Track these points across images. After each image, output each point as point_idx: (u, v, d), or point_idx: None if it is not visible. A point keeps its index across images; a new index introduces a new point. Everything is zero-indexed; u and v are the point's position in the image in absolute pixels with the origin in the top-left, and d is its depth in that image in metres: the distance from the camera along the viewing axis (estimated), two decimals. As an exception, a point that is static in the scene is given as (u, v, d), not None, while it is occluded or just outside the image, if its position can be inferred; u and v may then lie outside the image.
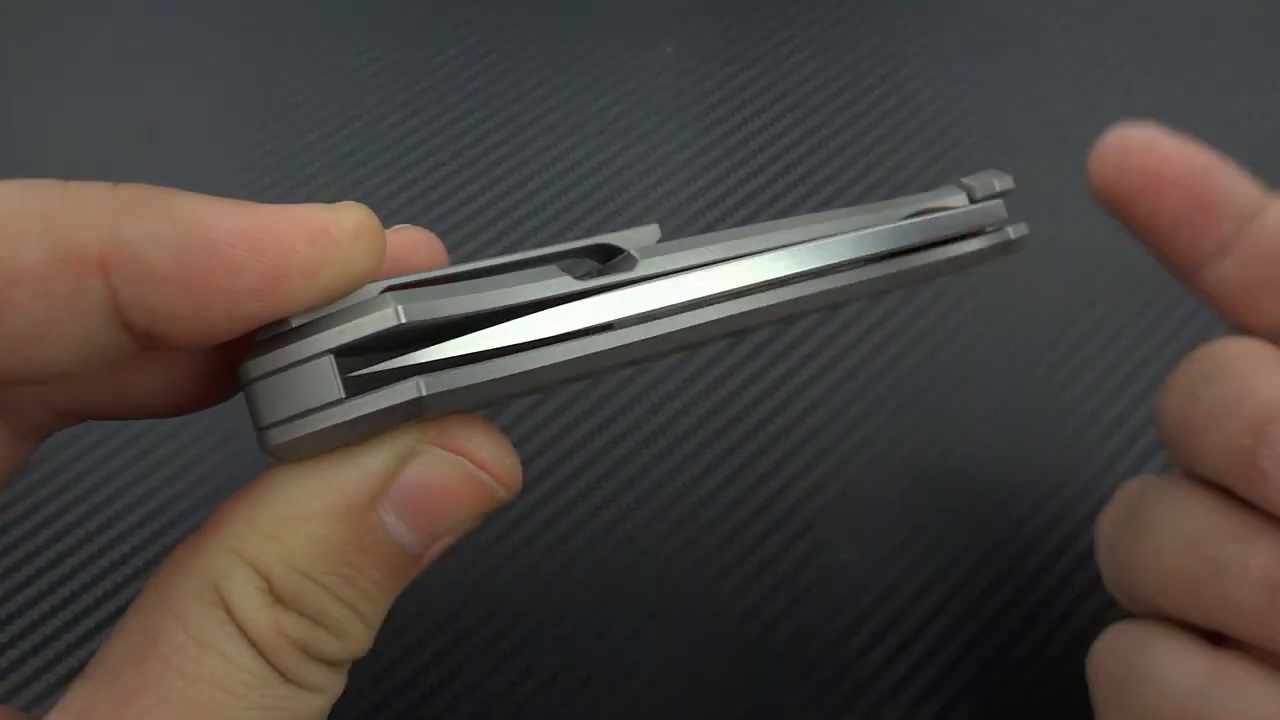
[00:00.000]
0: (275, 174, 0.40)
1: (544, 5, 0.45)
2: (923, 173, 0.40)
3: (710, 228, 0.39)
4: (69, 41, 0.44)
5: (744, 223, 0.39)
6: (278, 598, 0.15)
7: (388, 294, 0.16)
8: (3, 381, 0.15)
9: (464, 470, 0.17)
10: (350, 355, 0.16)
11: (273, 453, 0.17)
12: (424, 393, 0.15)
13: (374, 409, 0.16)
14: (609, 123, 0.41)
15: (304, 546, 0.15)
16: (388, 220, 0.39)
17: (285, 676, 0.15)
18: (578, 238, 0.38)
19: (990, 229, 0.24)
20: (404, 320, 0.15)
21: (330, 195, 0.39)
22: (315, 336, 0.16)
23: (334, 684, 0.17)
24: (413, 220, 0.39)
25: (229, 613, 0.15)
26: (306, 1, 0.45)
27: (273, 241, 0.15)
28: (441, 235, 0.38)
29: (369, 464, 0.16)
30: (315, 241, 0.15)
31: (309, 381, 0.16)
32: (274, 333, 0.16)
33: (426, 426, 0.17)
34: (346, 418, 0.16)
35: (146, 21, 0.45)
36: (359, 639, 0.16)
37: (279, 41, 0.44)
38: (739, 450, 0.34)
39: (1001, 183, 0.24)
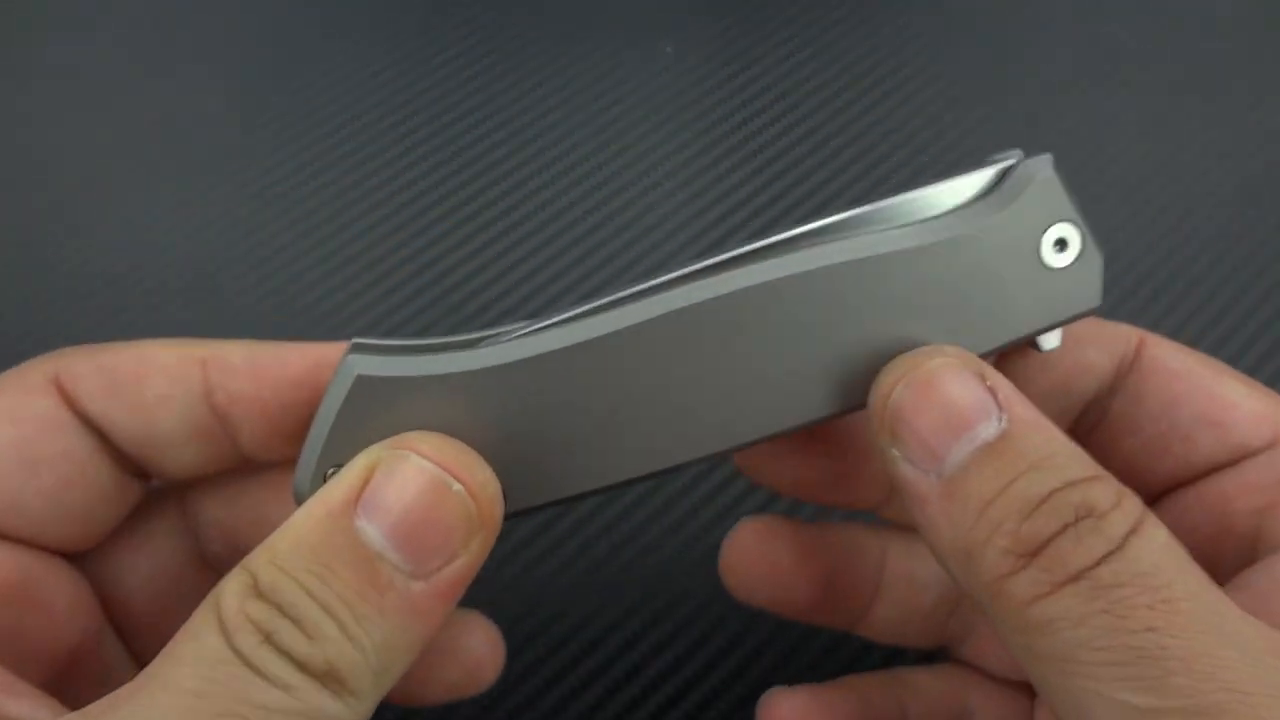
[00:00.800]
0: (274, 174, 0.40)
1: (544, 5, 0.45)
2: (922, 173, 0.40)
3: (710, 227, 0.39)
4: (72, 43, 0.44)
5: (744, 222, 0.39)
6: (258, 591, 0.17)
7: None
8: (139, 446, 0.22)
9: (413, 464, 0.18)
10: None
11: (295, 493, 0.20)
12: (349, 356, 0.19)
13: (327, 392, 0.19)
14: (609, 123, 0.41)
15: (287, 547, 0.18)
16: (387, 221, 0.39)
17: (241, 656, 0.16)
18: (581, 237, 0.38)
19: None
20: (355, 340, 0.20)
21: (330, 195, 0.39)
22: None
23: (304, 688, 0.16)
24: (412, 221, 0.39)
25: (216, 604, 0.17)
26: (307, 2, 0.45)
27: (315, 351, 0.22)
28: (441, 236, 0.38)
29: (346, 476, 0.18)
30: (342, 348, 0.21)
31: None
32: None
33: (394, 439, 0.19)
34: (318, 412, 0.19)
35: (147, 23, 0.45)
36: (335, 645, 0.17)
37: (279, 42, 0.44)
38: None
39: (1006, 157, 0.21)
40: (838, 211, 0.21)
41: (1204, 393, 0.22)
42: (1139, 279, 0.37)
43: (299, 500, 0.19)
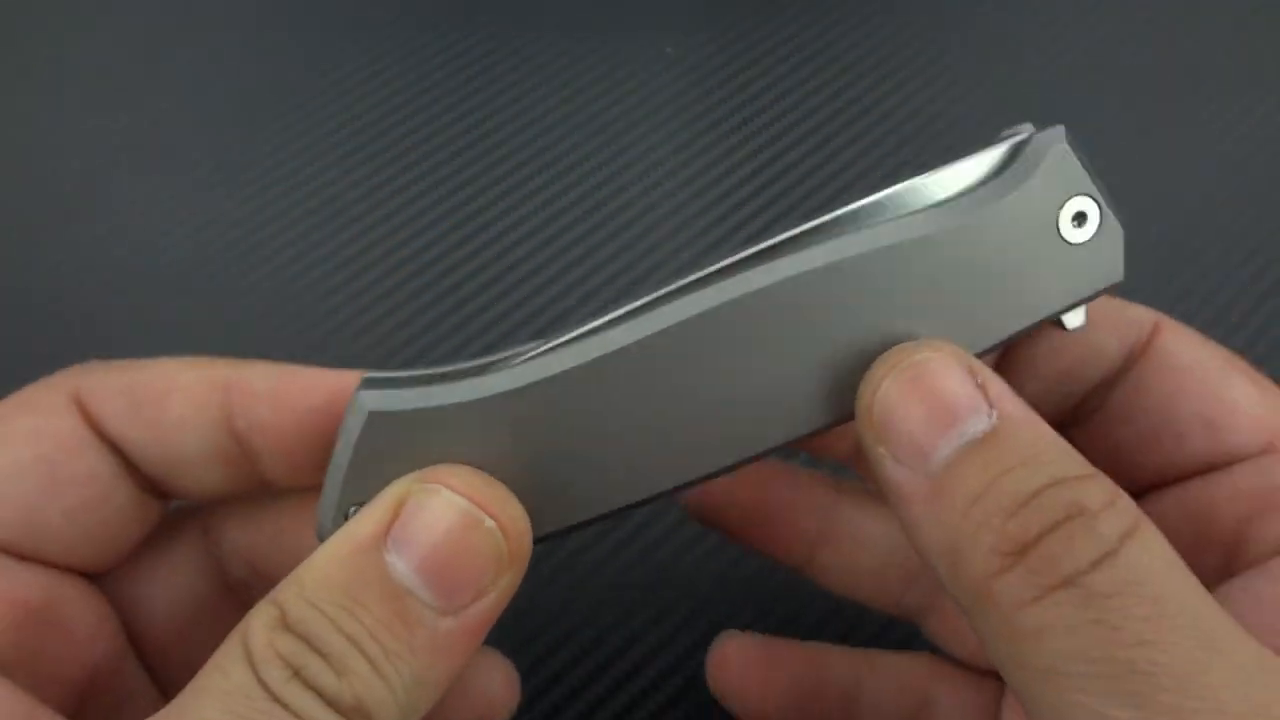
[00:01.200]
0: (275, 173, 0.40)
1: (544, 5, 0.45)
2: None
3: (710, 227, 0.39)
4: (72, 43, 0.44)
5: (744, 222, 0.39)
6: (287, 625, 0.17)
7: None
8: (159, 467, 0.21)
9: (443, 499, 0.18)
10: None
11: (318, 533, 0.19)
12: (360, 392, 0.19)
13: (341, 430, 0.19)
14: (609, 123, 0.41)
15: (315, 581, 0.17)
16: (387, 221, 0.39)
17: (269, 691, 0.16)
18: (581, 237, 0.38)
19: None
20: (366, 375, 0.20)
21: (331, 194, 0.39)
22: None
23: None
24: (412, 220, 0.39)
25: (243, 638, 0.17)
26: (307, 3, 0.45)
27: (338, 380, 0.21)
28: (441, 236, 0.38)
29: (375, 510, 0.18)
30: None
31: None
32: None
33: (422, 472, 0.19)
34: (334, 452, 0.19)
35: (147, 23, 0.45)
36: (364, 682, 0.17)
37: (279, 42, 0.44)
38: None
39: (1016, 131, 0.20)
40: (845, 204, 0.20)
41: (1206, 390, 0.21)
42: (1138, 280, 0.37)
43: (322, 539, 0.19)
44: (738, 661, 0.25)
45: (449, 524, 0.18)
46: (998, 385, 0.18)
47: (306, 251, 0.38)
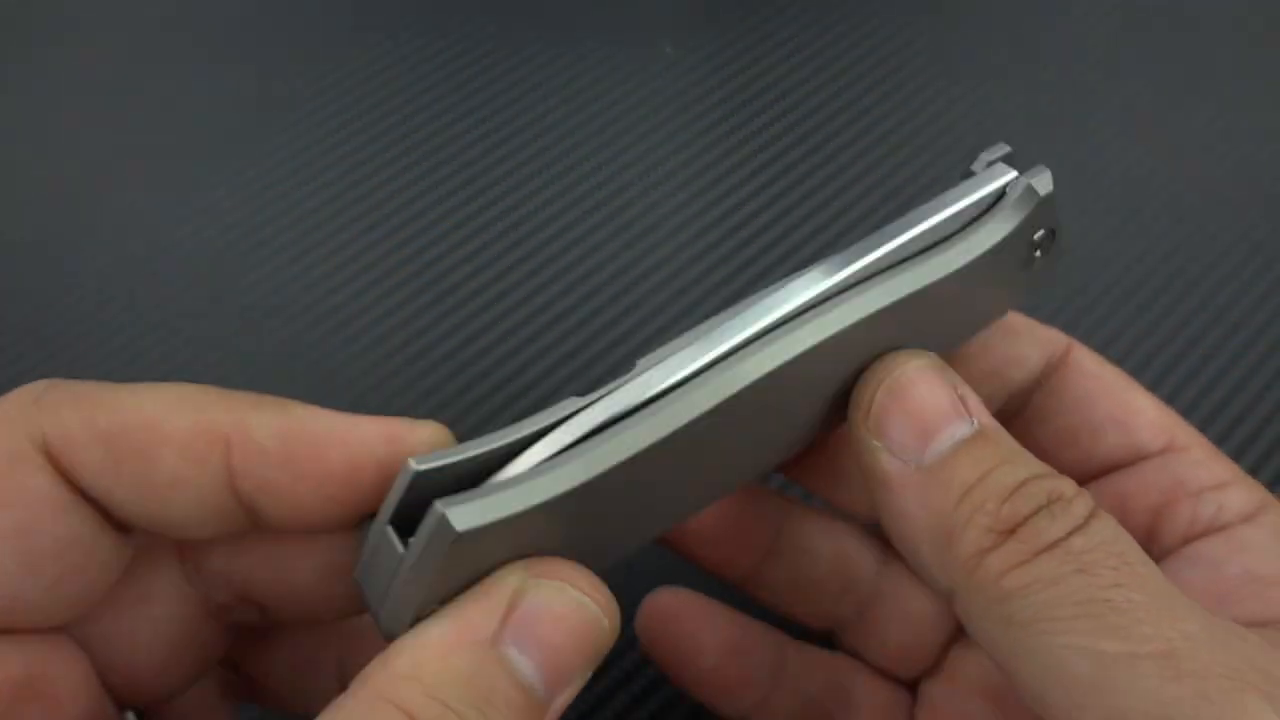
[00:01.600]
0: (275, 174, 0.40)
1: (544, 5, 0.45)
2: (922, 174, 0.40)
3: (710, 227, 0.39)
4: (72, 44, 0.44)
5: (744, 222, 0.39)
6: None
7: (409, 458, 0.18)
8: (146, 524, 0.19)
9: (569, 596, 0.18)
10: (409, 526, 0.18)
11: (387, 633, 0.18)
12: (444, 511, 0.17)
13: (419, 544, 0.17)
14: (609, 123, 0.41)
15: (443, 675, 0.16)
16: (387, 220, 0.39)
17: None
18: (581, 237, 0.38)
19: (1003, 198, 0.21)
20: (417, 469, 0.17)
21: (331, 194, 0.39)
22: (378, 520, 0.18)
23: None
24: (412, 220, 0.39)
25: None
26: (307, 3, 0.45)
27: (358, 440, 0.19)
28: (441, 236, 0.38)
29: (490, 599, 0.18)
30: (391, 444, 0.19)
31: (383, 556, 0.18)
32: (364, 531, 0.19)
33: (530, 564, 0.18)
34: (410, 563, 0.17)
35: (147, 23, 0.45)
36: None
37: (278, 42, 0.44)
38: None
39: (994, 151, 0.22)
40: (848, 226, 0.21)
41: (1114, 395, 0.24)
42: (1137, 280, 0.37)
43: (390, 636, 0.18)
44: (670, 614, 0.26)
45: (575, 621, 0.18)
46: (975, 399, 0.21)
47: (306, 251, 0.38)
